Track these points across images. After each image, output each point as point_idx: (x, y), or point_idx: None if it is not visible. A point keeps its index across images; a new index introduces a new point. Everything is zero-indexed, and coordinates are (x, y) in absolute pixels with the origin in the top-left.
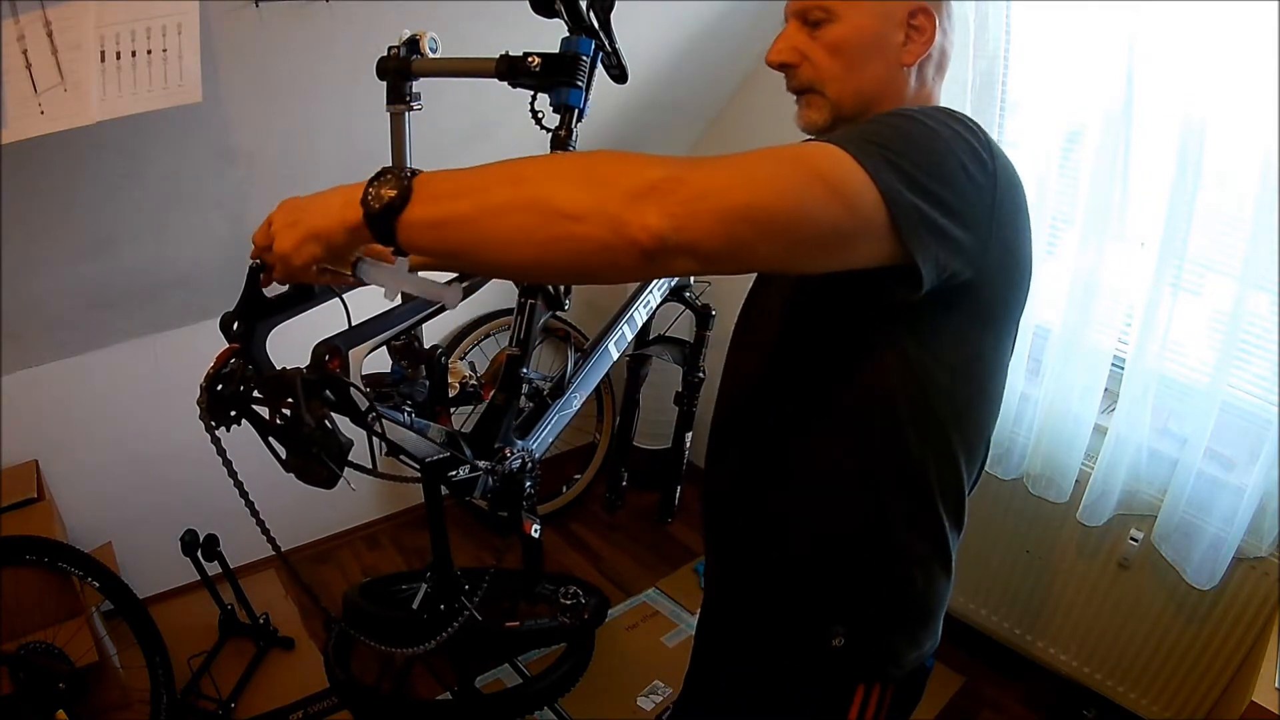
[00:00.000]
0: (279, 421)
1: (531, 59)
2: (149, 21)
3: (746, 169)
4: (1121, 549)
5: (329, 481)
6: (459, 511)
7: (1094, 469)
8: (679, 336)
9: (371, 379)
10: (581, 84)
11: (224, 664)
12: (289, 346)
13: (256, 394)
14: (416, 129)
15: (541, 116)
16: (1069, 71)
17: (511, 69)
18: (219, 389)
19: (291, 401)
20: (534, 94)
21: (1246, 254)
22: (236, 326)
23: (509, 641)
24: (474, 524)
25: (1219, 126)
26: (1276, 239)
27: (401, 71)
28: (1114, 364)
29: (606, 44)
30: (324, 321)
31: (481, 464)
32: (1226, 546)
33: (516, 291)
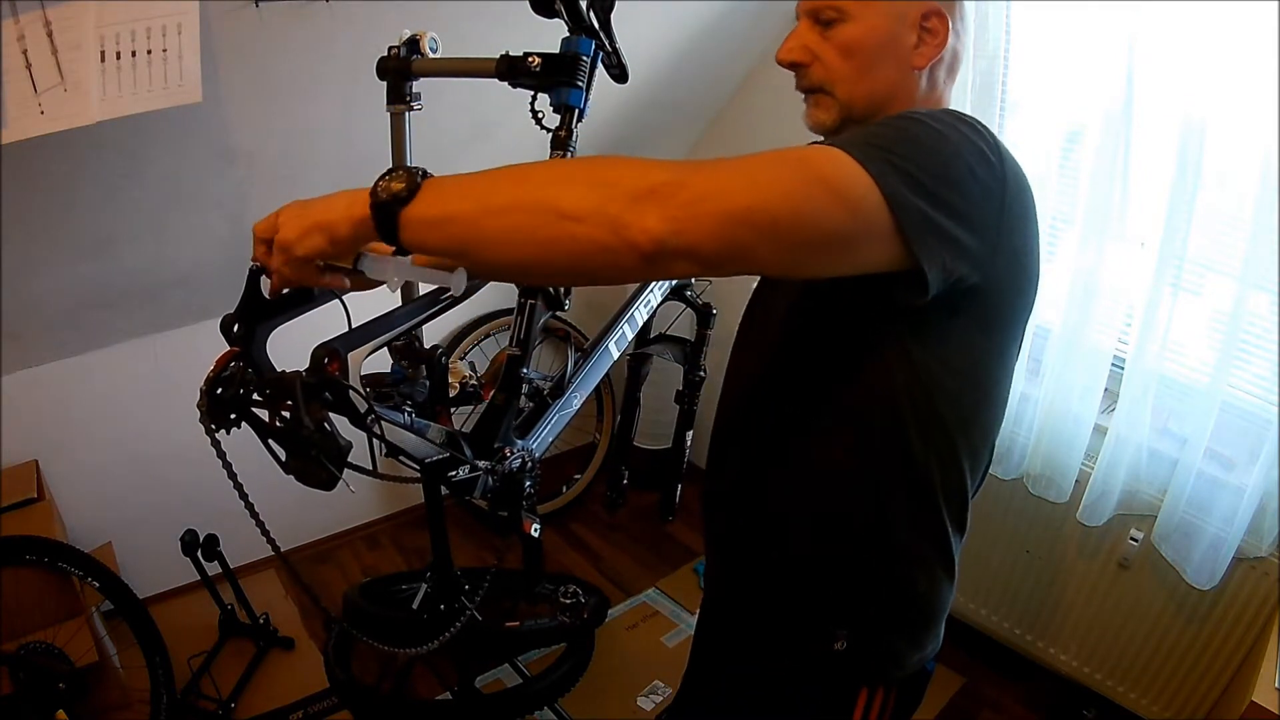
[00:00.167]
0: (278, 424)
1: (532, 59)
2: (149, 21)
3: (748, 172)
4: (1121, 549)
5: (328, 483)
6: (459, 511)
7: (1094, 469)
8: (680, 335)
9: (372, 379)
10: (582, 84)
11: (224, 664)
12: (289, 348)
13: (256, 396)
14: (416, 129)
15: (542, 116)
16: (1069, 71)
17: (512, 69)
18: (219, 393)
19: (290, 404)
20: (534, 94)
21: (1246, 254)
22: (237, 329)
23: (509, 641)
24: (474, 524)
25: (1219, 126)
26: (1276, 239)
27: (402, 71)
28: (1114, 364)
29: (607, 44)
30: (324, 324)
31: (481, 464)
32: (1226, 546)
33: (516, 291)
